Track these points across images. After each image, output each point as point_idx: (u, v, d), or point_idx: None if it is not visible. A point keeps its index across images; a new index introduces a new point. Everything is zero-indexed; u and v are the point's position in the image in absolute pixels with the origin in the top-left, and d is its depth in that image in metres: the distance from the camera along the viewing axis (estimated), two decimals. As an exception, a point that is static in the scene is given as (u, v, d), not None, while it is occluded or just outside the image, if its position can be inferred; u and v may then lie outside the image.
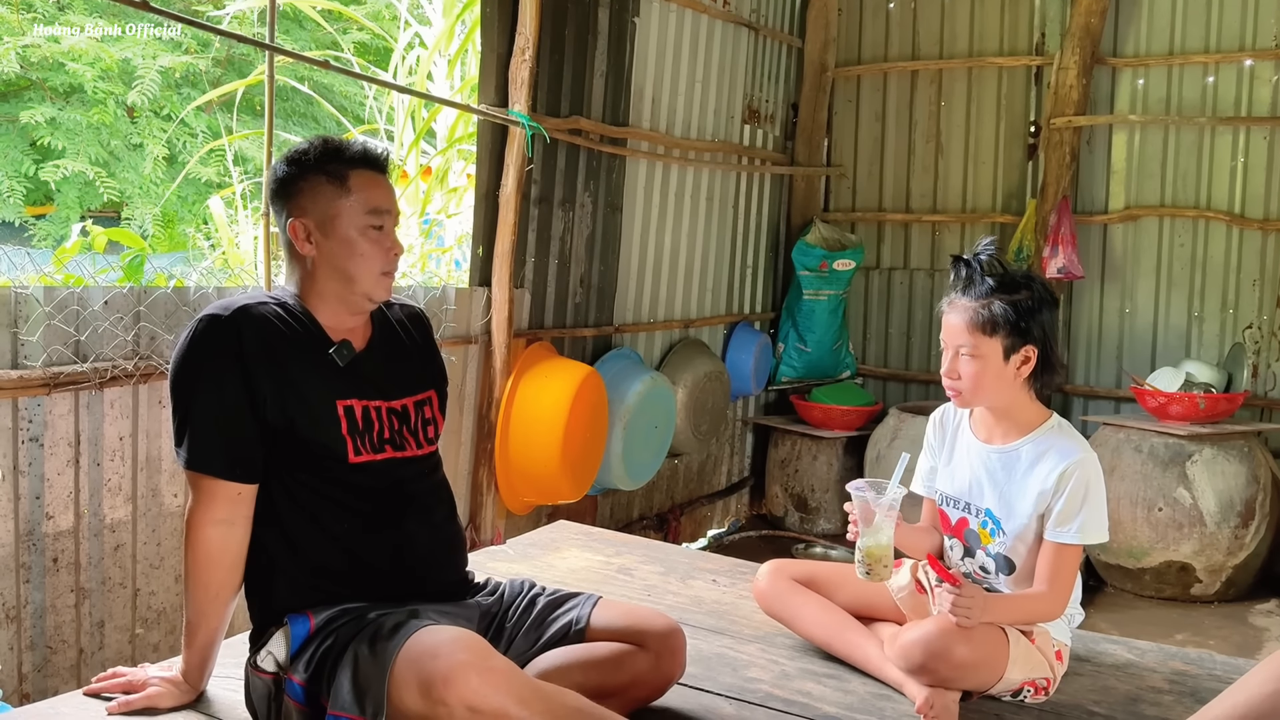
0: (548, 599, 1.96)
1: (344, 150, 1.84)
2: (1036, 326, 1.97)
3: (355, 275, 1.82)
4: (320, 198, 1.81)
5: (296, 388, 1.77)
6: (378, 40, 7.81)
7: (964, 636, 1.91)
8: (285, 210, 1.84)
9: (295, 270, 1.87)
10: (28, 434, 2.52)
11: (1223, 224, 5.11)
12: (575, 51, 4.11)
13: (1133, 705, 2.07)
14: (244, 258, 4.52)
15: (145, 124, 7.59)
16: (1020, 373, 1.99)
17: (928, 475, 2.24)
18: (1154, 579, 4.57)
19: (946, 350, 2.03)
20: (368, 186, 1.83)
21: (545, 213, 4.09)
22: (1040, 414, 2.08)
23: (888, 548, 2.02)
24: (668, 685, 1.94)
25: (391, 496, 1.83)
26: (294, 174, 1.83)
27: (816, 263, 5.60)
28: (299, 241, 1.83)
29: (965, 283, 2.02)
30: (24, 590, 2.54)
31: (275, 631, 1.75)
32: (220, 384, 1.73)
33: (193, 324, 1.76)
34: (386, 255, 1.84)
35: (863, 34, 5.98)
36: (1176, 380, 4.72)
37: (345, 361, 1.83)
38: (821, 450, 5.50)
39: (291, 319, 1.82)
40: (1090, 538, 1.97)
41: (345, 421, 1.80)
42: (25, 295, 2.51)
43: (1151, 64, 5.20)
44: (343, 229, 1.81)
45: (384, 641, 1.61)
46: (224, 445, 1.73)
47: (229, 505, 1.74)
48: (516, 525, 3.91)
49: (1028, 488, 2.02)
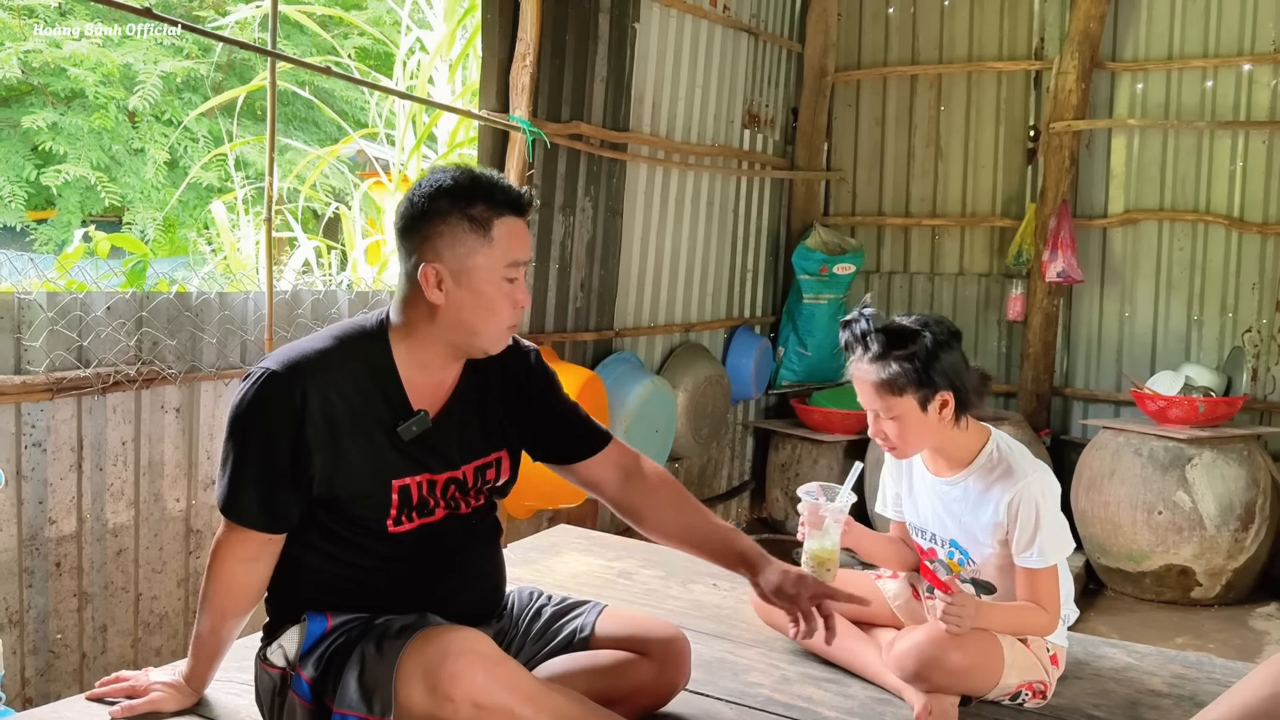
0: (554, 608, 1.96)
1: (493, 193, 1.68)
2: (940, 374, 1.94)
3: (481, 330, 1.71)
4: (459, 245, 1.66)
5: (349, 469, 1.68)
6: (379, 45, 7.84)
7: (957, 643, 1.91)
8: (417, 251, 1.68)
9: (408, 311, 1.72)
10: (31, 439, 2.53)
11: (1222, 228, 5.12)
12: (576, 57, 4.12)
13: (1132, 709, 2.08)
14: (245, 262, 4.53)
15: (146, 129, 7.61)
16: (943, 417, 1.97)
17: (894, 501, 2.23)
18: (1154, 582, 4.57)
19: (868, 413, 2.03)
20: (511, 236, 1.69)
21: (546, 217, 4.10)
22: (977, 440, 2.05)
23: (833, 552, 2.03)
24: (672, 693, 1.94)
25: (432, 550, 1.79)
26: (433, 212, 1.67)
27: (816, 267, 5.61)
28: (429, 288, 1.67)
29: (857, 347, 2.01)
30: (27, 595, 2.55)
31: (291, 627, 1.74)
32: (270, 445, 1.66)
33: (257, 375, 1.67)
34: (516, 310, 1.72)
35: (862, 38, 5.99)
36: (1176, 384, 4.73)
37: (412, 437, 1.72)
38: (822, 454, 5.50)
39: (366, 378, 1.71)
40: (1052, 557, 1.97)
41: (397, 499, 1.72)
42: (28, 300, 2.52)
43: (1150, 68, 5.21)
44: (479, 281, 1.67)
45: (391, 640, 1.61)
46: (261, 501, 1.68)
47: (257, 547, 1.71)
48: (517, 529, 3.91)
49: (982, 519, 2.01)
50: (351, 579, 1.76)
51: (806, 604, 1.83)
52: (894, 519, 2.25)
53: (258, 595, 1.77)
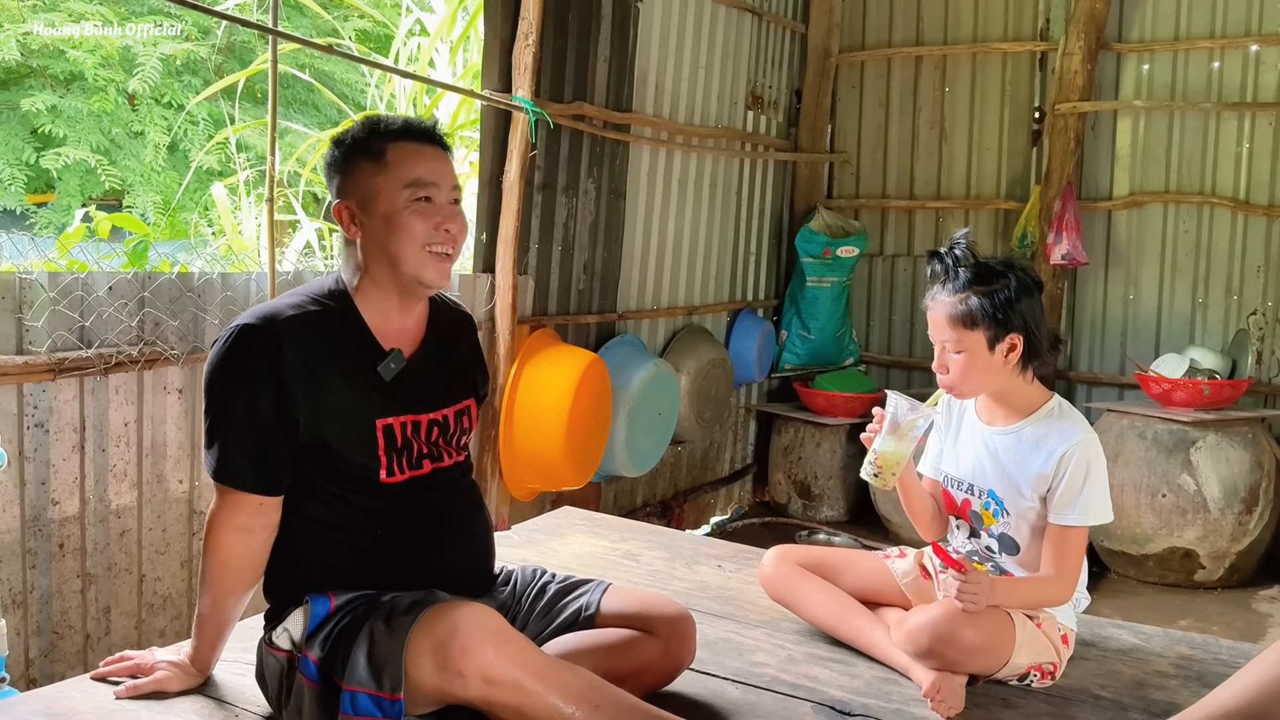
0: (558, 585, 1.95)
1: (381, 124, 1.77)
2: (1017, 315, 1.96)
3: (400, 253, 1.72)
4: (360, 177, 1.75)
5: (335, 410, 1.71)
6: (379, 28, 7.79)
7: (970, 621, 1.92)
8: (332, 196, 1.79)
9: (348, 260, 1.80)
10: (33, 419, 2.52)
11: (1227, 210, 5.09)
12: (579, 37, 4.09)
13: (1139, 690, 2.08)
14: (247, 244, 4.51)
15: (146, 112, 7.57)
16: (1008, 361, 1.99)
17: (935, 458, 2.25)
18: (1158, 565, 4.57)
19: (935, 345, 2.04)
20: (407, 158, 1.74)
21: (549, 199, 4.08)
22: (1040, 395, 2.08)
23: (901, 458, 2.05)
24: (677, 671, 1.94)
25: (422, 506, 1.80)
26: (337, 157, 1.77)
27: (820, 249, 5.59)
28: (344, 225, 1.76)
29: (942, 277, 2.02)
30: (30, 576, 2.55)
31: (294, 610, 1.74)
32: (253, 399, 1.67)
33: (228, 332, 1.70)
34: (432, 228, 1.73)
35: (866, 19, 5.95)
36: (1180, 367, 4.72)
37: (392, 375, 1.76)
38: (824, 437, 5.49)
39: (335, 325, 1.75)
40: (1093, 518, 1.98)
41: (383, 441, 1.74)
42: (30, 281, 2.51)
43: (1157, 49, 5.17)
44: (384, 204, 1.72)
45: (401, 616, 1.61)
46: (251, 459, 1.69)
47: (251, 514, 1.71)
48: (521, 511, 3.91)
49: (1029, 469, 2.02)
50: (345, 544, 1.76)
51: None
52: (930, 476, 2.25)
53: (255, 570, 1.77)
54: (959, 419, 2.19)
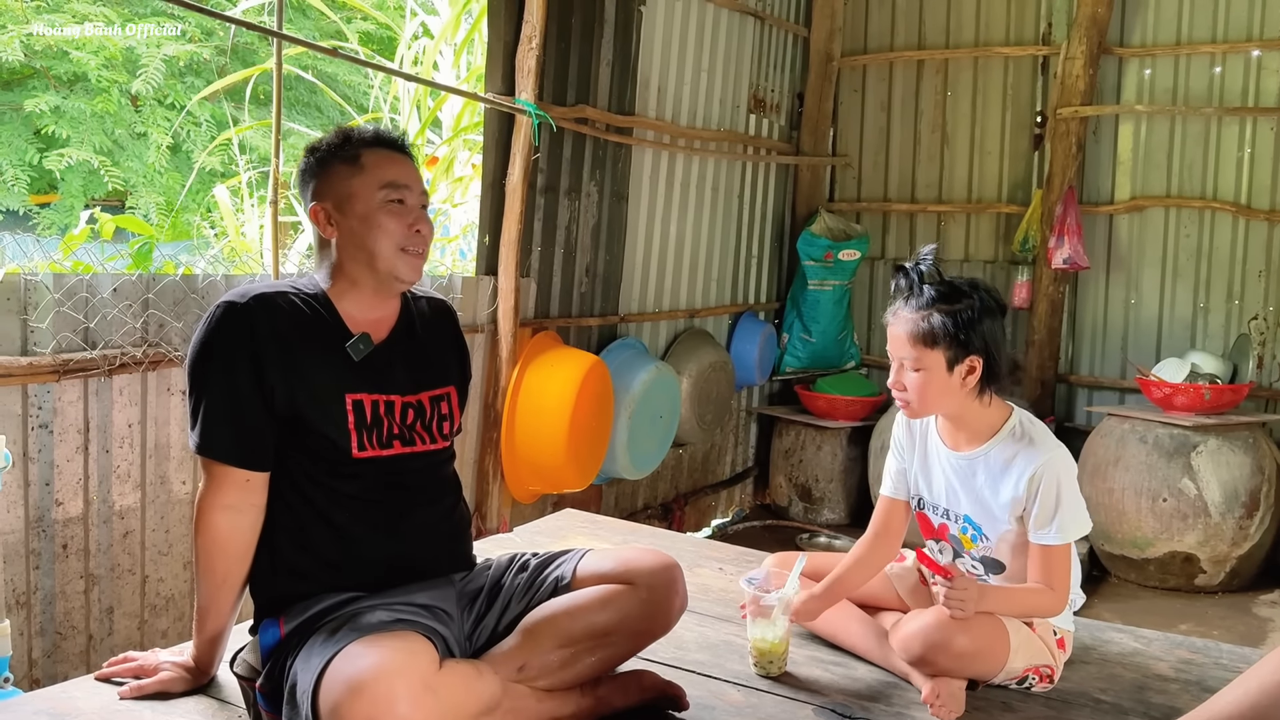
0: (539, 560, 1.94)
1: (359, 134, 1.85)
2: (978, 336, 1.92)
3: (376, 251, 1.79)
4: (335, 179, 1.81)
5: (305, 380, 1.76)
6: (383, 30, 7.80)
7: (962, 627, 1.91)
8: (308, 200, 1.85)
9: (323, 259, 1.86)
10: (37, 420, 2.53)
11: (1229, 215, 5.10)
12: (581, 40, 4.10)
13: (1140, 693, 2.08)
14: (250, 246, 4.52)
15: (149, 113, 7.58)
16: (966, 383, 1.95)
17: (896, 476, 2.19)
18: (1158, 569, 4.57)
19: (893, 361, 2.01)
20: (381, 162, 1.82)
21: (551, 202, 4.09)
22: (999, 415, 2.03)
23: (776, 645, 2.03)
24: (667, 621, 1.89)
25: (395, 490, 1.83)
26: (312, 163, 1.85)
27: (821, 253, 5.60)
28: (321, 225, 1.82)
29: (906, 292, 1.99)
30: (34, 576, 2.55)
31: (251, 639, 1.79)
32: (232, 372, 1.72)
33: (210, 311, 1.76)
34: (407, 229, 1.81)
35: (869, 23, 5.96)
36: (1181, 371, 4.72)
37: (361, 355, 1.82)
38: (826, 440, 5.50)
39: (309, 308, 1.81)
40: (1072, 534, 1.95)
41: (353, 415, 1.78)
42: (34, 282, 2.51)
43: (1158, 54, 5.18)
44: (360, 205, 1.79)
45: (321, 649, 1.61)
46: (234, 432, 1.73)
47: (237, 491, 1.74)
48: (522, 514, 3.91)
49: (1001, 495, 1.99)
50: (320, 522, 1.78)
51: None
52: (891, 496, 2.20)
53: (245, 554, 1.77)
54: (922, 440, 2.14)
